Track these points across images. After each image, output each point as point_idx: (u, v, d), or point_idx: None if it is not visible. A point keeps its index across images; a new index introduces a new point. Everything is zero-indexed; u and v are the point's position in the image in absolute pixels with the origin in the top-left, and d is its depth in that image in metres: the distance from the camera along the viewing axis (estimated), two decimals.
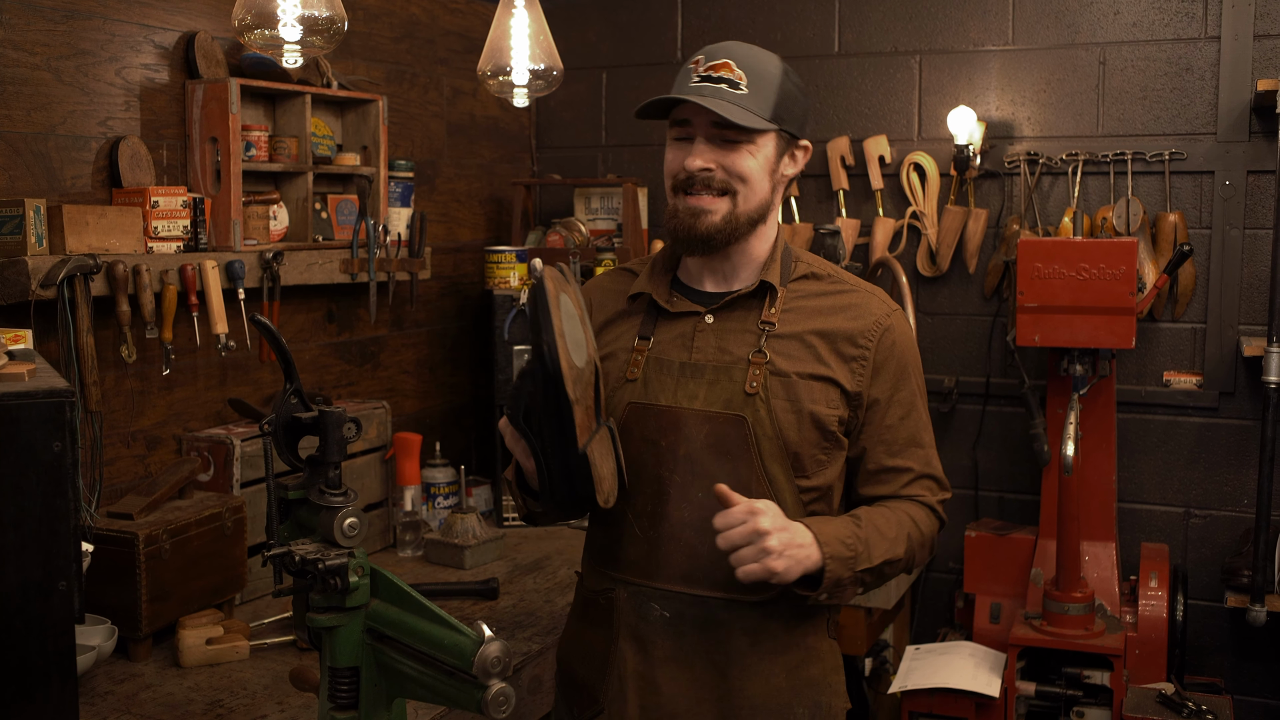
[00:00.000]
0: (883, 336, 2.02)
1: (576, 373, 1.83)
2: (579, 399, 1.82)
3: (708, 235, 1.97)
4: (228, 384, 3.23)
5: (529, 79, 3.33)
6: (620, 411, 2.02)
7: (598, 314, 2.13)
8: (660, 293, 2.07)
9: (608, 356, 2.08)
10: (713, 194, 1.96)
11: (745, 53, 1.97)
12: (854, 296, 2.05)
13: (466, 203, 4.30)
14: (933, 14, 4.14)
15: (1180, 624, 3.67)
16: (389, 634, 1.72)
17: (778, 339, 2.00)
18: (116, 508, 2.67)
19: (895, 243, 4.20)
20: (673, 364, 2.02)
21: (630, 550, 2.02)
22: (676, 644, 2.00)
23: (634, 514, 2.01)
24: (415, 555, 3.39)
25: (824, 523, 1.93)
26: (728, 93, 1.93)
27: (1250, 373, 3.81)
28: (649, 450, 2.00)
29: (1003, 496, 4.18)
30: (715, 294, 2.06)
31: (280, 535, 1.84)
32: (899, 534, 1.99)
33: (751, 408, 1.96)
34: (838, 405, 1.99)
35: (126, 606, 2.55)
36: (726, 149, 1.95)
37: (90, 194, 2.85)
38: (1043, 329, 3.54)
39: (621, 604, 2.03)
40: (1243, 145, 3.78)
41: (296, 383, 1.83)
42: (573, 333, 1.85)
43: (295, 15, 2.48)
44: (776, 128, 1.97)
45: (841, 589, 1.93)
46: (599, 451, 1.88)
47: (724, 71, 1.94)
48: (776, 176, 2.02)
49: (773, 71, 1.97)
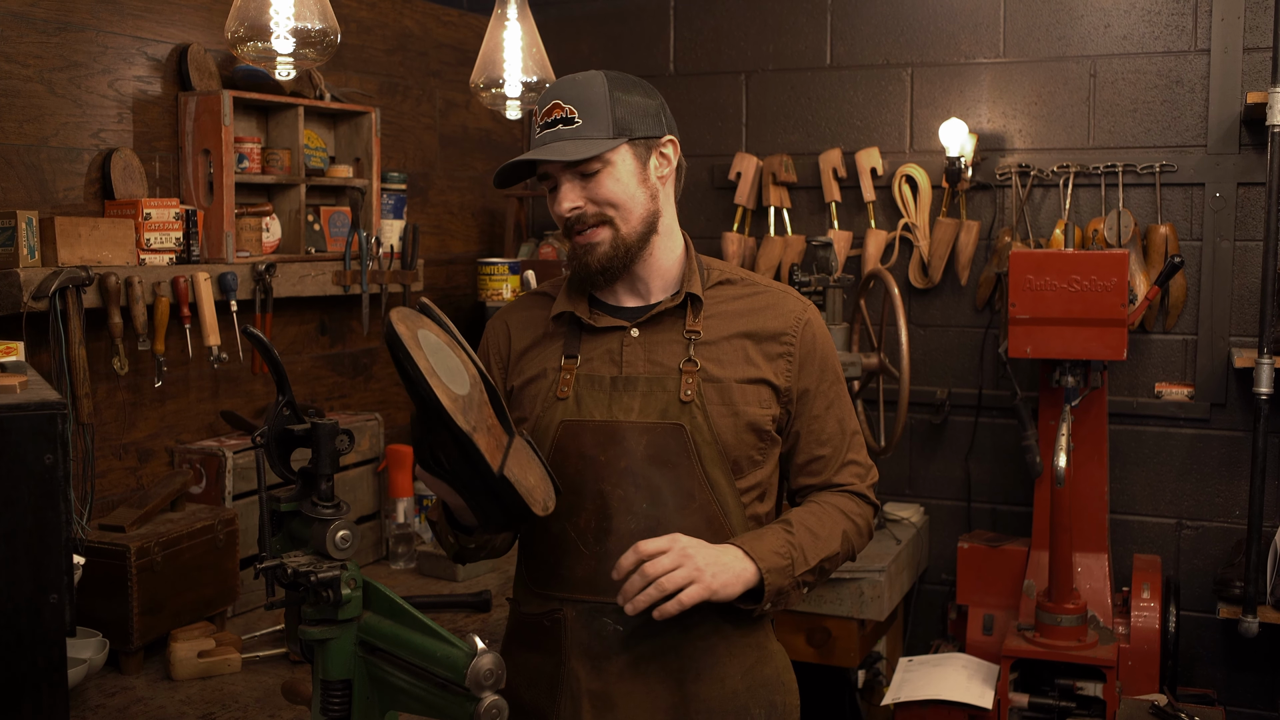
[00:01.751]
0: (803, 331, 2.06)
1: (463, 401, 1.79)
2: (475, 426, 1.79)
3: (602, 266, 2.01)
4: (220, 396, 3.22)
5: (521, 91, 3.33)
6: (553, 430, 2.03)
7: (518, 338, 2.14)
8: (582, 310, 2.08)
9: (536, 378, 2.08)
10: (592, 227, 2.00)
11: (569, 86, 2.00)
12: (770, 296, 2.09)
13: (459, 215, 4.31)
14: (924, 27, 4.16)
15: (1173, 635, 3.68)
16: (381, 646, 1.71)
17: (705, 346, 2.03)
18: (108, 520, 2.66)
19: (887, 254, 4.21)
20: (604, 379, 2.03)
21: (577, 569, 2.02)
22: (632, 657, 2.00)
23: (576, 532, 2.01)
24: (408, 567, 3.38)
25: (755, 538, 1.96)
26: (564, 131, 1.97)
27: (1241, 384, 3.82)
28: (587, 466, 2.01)
29: (995, 508, 4.19)
30: (636, 308, 2.08)
31: (272, 548, 1.84)
32: (832, 530, 2.03)
33: (689, 415, 1.98)
34: (770, 404, 2.03)
35: (118, 619, 2.54)
36: (588, 182, 1.98)
37: (83, 206, 2.85)
38: (1035, 341, 3.55)
39: (570, 623, 2.02)
40: (1233, 157, 3.80)
41: (289, 395, 1.83)
42: (444, 364, 1.81)
43: (288, 28, 2.48)
44: (623, 140, 1.98)
45: (785, 596, 1.97)
46: (519, 465, 1.85)
47: (556, 113, 1.99)
48: (650, 184, 2.03)
49: (599, 90, 1.99)
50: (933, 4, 4.14)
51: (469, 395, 1.82)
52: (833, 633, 3.57)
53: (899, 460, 4.28)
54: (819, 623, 3.58)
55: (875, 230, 4.19)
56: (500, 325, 2.19)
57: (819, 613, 3.57)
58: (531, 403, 2.07)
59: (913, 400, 4.15)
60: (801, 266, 3.97)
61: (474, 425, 1.79)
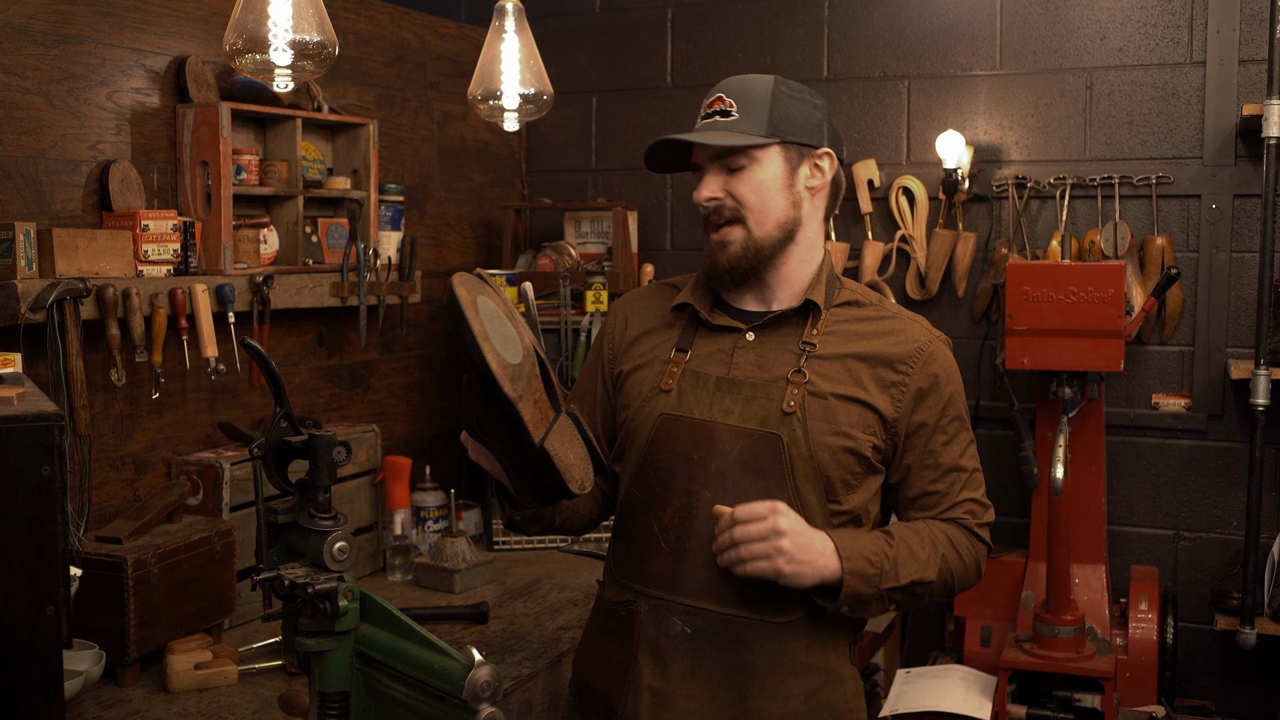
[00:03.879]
0: (925, 362, 2.02)
1: (513, 370, 1.81)
2: (522, 395, 1.81)
3: (730, 266, 2.01)
4: (217, 408, 3.22)
5: (519, 103, 3.34)
6: (651, 423, 2.02)
7: (635, 324, 2.14)
8: (702, 306, 2.07)
9: (643, 366, 2.08)
10: (727, 224, 2.00)
11: (736, 82, 2.03)
12: (896, 323, 2.06)
13: (457, 226, 4.31)
14: (921, 39, 4.17)
15: (1170, 646, 3.68)
16: (378, 658, 1.71)
17: (818, 360, 2.00)
18: (105, 532, 2.66)
19: (884, 266, 4.21)
20: (709, 378, 2.01)
21: (655, 563, 2.00)
22: (695, 661, 1.98)
23: (660, 527, 2.00)
24: (405, 579, 3.38)
25: (852, 536, 1.93)
26: (720, 122, 1.99)
27: (1238, 395, 3.82)
28: (679, 463, 1.99)
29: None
30: (757, 313, 2.07)
31: (269, 559, 1.84)
32: (932, 555, 1.98)
33: (788, 426, 1.95)
34: (874, 431, 1.99)
35: (114, 631, 2.54)
36: (732, 176, 1.99)
37: (80, 217, 2.85)
38: (1031, 352, 3.55)
39: (643, 616, 2.01)
40: (1229, 169, 3.81)
41: (286, 406, 1.83)
42: (499, 331, 1.83)
43: (286, 40, 2.48)
44: (775, 141, 1.98)
45: (865, 604, 1.93)
46: (560, 440, 1.86)
47: (717, 105, 2.02)
48: (795, 191, 2.02)
49: (762, 90, 2.00)
50: (929, 16, 4.15)
51: (519, 365, 1.83)
52: None
53: None
54: None
55: (872, 242, 4.20)
56: (621, 310, 2.19)
57: None
58: (636, 390, 2.06)
59: None
60: None
61: (520, 394, 1.81)
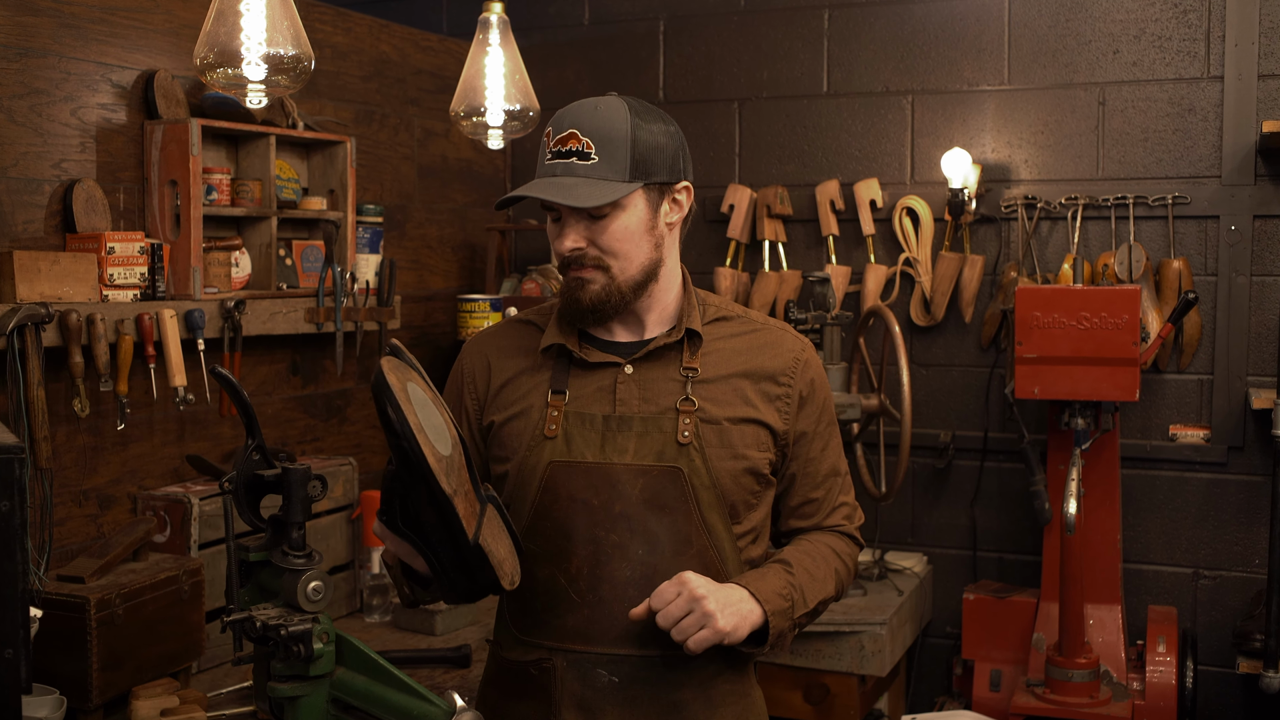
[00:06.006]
0: (802, 370, 2.09)
1: (446, 463, 1.80)
2: (455, 490, 1.80)
3: (593, 305, 2.02)
4: (186, 439, 3.22)
5: (504, 120, 3.36)
6: (541, 471, 2.02)
7: (499, 370, 2.13)
8: (572, 344, 2.07)
9: (519, 415, 2.07)
10: (588, 268, 2.01)
11: (591, 115, 1.98)
12: (768, 334, 2.12)
13: (438, 249, 4.32)
14: (925, 53, 4.20)
15: (1190, 691, 3.68)
16: (355, 704, 1.71)
17: (703, 384, 2.04)
18: (67, 570, 2.66)
19: (888, 291, 4.23)
20: (595, 418, 2.03)
21: (569, 617, 2.02)
22: (628, 709, 2.00)
23: (567, 579, 2.01)
24: (383, 620, 3.38)
25: (758, 577, 1.99)
26: (578, 166, 1.96)
27: (1260, 426, 3.84)
28: (579, 510, 2.00)
29: (1002, 557, 4.19)
30: (630, 343, 2.09)
31: (240, 599, 1.84)
32: (826, 571, 2.09)
33: (686, 457, 1.99)
34: (768, 448, 2.06)
35: (76, 675, 2.53)
36: (595, 224, 1.98)
37: (43, 239, 2.86)
38: (1042, 381, 3.57)
39: (561, 673, 2.02)
40: (1249, 189, 3.83)
41: (259, 438, 1.83)
42: (429, 421, 1.82)
43: (260, 54, 2.50)
44: (639, 185, 1.99)
45: (784, 638, 2.01)
46: (491, 535, 1.85)
47: (571, 144, 1.97)
48: (658, 232, 2.04)
49: (620, 127, 1.97)
50: (934, 30, 4.18)
51: (450, 458, 1.83)
52: (831, 689, 3.57)
53: (901, 507, 4.29)
54: (817, 679, 3.58)
55: (875, 265, 4.22)
56: (478, 354, 2.17)
57: (817, 668, 3.57)
58: (515, 440, 2.06)
59: (915, 444, 4.16)
60: (798, 303, 3.99)
61: (454, 489, 1.79)
